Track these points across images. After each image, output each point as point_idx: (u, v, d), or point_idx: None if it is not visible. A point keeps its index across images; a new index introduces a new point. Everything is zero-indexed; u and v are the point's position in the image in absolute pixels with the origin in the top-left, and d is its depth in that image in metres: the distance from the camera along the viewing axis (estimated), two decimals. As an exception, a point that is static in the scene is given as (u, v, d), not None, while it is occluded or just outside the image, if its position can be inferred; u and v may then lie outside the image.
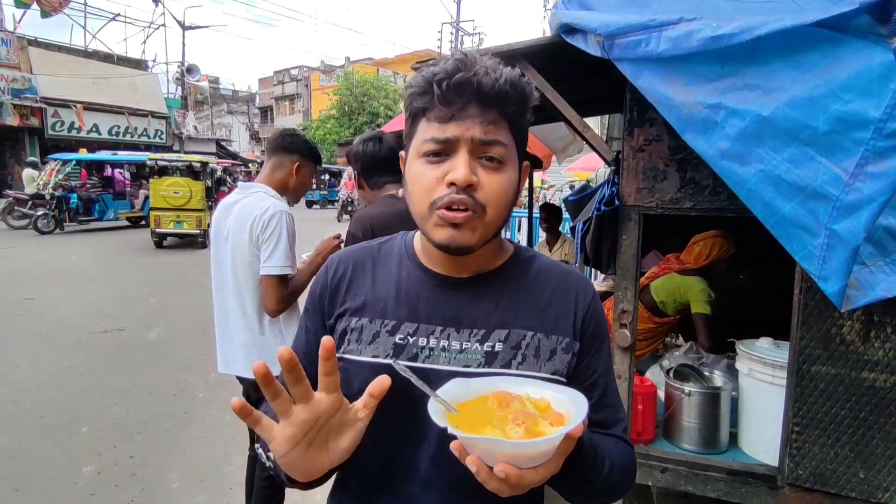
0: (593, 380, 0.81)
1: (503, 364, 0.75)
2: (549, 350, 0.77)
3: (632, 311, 1.80)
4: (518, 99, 0.72)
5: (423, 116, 0.73)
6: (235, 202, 1.98)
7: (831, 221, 0.90)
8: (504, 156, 0.72)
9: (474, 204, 0.70)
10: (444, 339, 0.77)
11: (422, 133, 0.73)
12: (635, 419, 1.90)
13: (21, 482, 2.75)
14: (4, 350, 4.69)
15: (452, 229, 0.71)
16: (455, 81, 0.68)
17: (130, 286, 7.38)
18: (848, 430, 1.58)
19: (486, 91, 0.69)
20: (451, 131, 0.70)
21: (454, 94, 0.69)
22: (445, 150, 0.71)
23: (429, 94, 0.71)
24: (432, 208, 0.71)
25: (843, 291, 0.92)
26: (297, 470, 0.63)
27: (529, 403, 0.66)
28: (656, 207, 1.75)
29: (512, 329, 0.77)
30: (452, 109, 0.69)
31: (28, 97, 16.09)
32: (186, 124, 22.20)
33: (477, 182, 0.70)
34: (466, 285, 0.79)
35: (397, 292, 0.80)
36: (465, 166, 0.69)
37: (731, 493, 1.75)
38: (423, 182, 0.72)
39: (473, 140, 0.70)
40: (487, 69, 0.70)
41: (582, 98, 2.92)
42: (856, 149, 0.87)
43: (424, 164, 0.72)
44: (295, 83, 35.69)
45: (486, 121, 0.70)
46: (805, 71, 0.93)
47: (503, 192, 0.73)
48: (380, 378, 0.64)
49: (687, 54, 1.08)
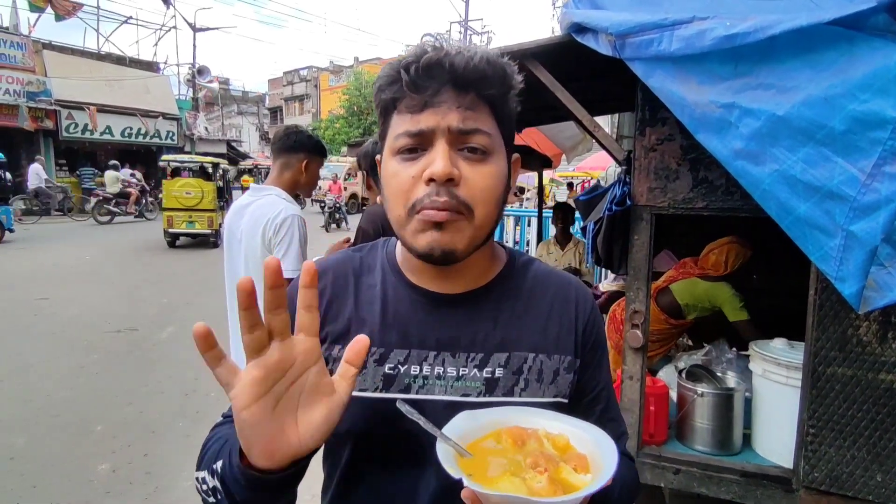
0: (595, 394, 0.77)
1: (505, 391, 0.69)
2: (552, 372, 0.72)
3: (644, 311, 1.79)
4: (498, 78, 0.64)
5: (394, 110, 0.66)
6: (248, 204, 2.00)
7: (848, 222, 0.89)
8: (488, 145, 0.64)
9: (458, 204, 0.62)
10: (438, 365, 0.69)
11: (394, 128, 0.66)
12: (647, 420, 1.89)
13: (38, 480, 2.79)
14: (19, 350, 4.76)
15: (435, 231, 0.62)
16: (424, 63, 0.61)
17: (143, 285, 7.47)
18: (865, 433, 1.56)
19: (459, 71, 0.61)
20: (424, 121, 0.62)
21: (424, 78, 0.61)
22: (421, 143, 0.63)
23: (397, 83, 0.63)
24: (411, 212, 0.63)
25: (860, 293, 0.90)
26: (258, 441, 0.50)
27: (547, 441, 0.61)
28: (668, 207, 1.73)
29: (512, 352, 0.71)
30: (424, 96, 0.62)
31: (43, 100, 16.30)
32: (197, 125, 22.40)
33: (459, 175, 0.62)
34: (460, 303, 0.72)
35: (384, 314, 0.71)
36: (444, 157, 0.61)
37: (745, 496, 1.73)
38: (399, 182, 0.64)
39: (451, 129, 0.62)
40: (460, 49, 0.63)
41: (592, 97, 2.90)
42: (873, 149, 0.85)
43: (399, 162, 0.64)
44: (304, 83, 35.89)
45: (463, 105, 0.62)
46: (821, 70, 0.92)
47: (490, 186, 0.65)
48: (357, 340, 0.55)
49: (700, 53, 1.07)
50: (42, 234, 11.80)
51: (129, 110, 18.75)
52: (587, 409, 0.76)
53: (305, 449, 0.52)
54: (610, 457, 0.55)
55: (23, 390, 3.90)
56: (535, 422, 0.63)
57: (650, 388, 1.89)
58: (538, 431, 0.61)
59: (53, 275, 7.94)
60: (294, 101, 36.55)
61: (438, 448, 0.55)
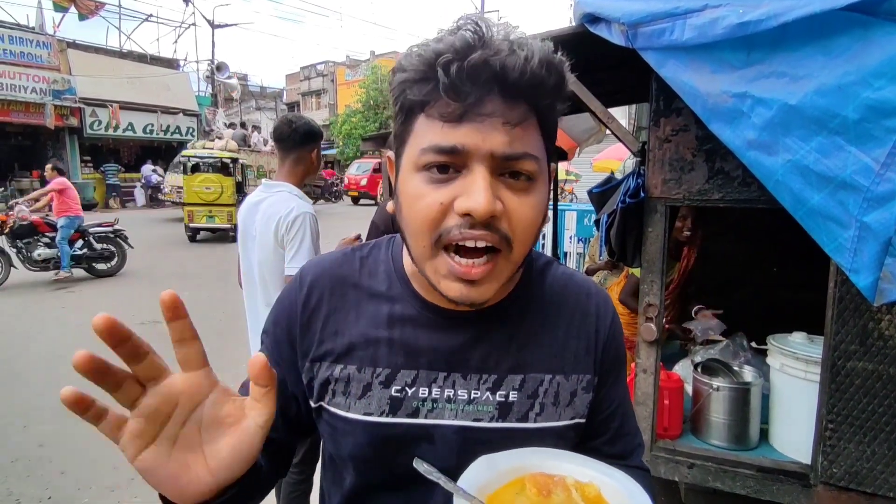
0: (611, 411, 0.71)
1: (519, 417, 0.64)
2: (569, 393, 0.66)
3: (658, 304, 1.77)
4: (555, 86, 0.53)
5: (420, 112, 0.54)
6: (261, 201, 2.02)
7: (862, 213, 0.86)
8: (535, 172, 0.54)
9: (499, 240, 0.53)
10: (448, 387, 0.63)
11: (420, 135, 0.54)
12: (661, 414, 1.88)
13: (66, 466, 2.89)
14: (49, 341, 4.92)
15: (466, 285, 0.55)
16: (470, 64, 0.48)
17: (165, 279, 7.63)
18: (886, 428, 1.53)
19: (513, 77, 0.49)
20: (462, 137, 0.51)
21: (468, 82, 0.49)
22: (455, 162, 0.52)
23: (430, 82, 0.51)
24: (438, 245, 0.54)
25: (875, 285, 0.88)
26: (164, 484, 0.46)
27: (576, 492, 0.55)
28: (683, 199, 1.71)
29: (528, 374, 0.65)
30: (464, 104, 0.50)
31: (68, 98, 16.69)
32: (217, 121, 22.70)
33: (502, 210, 0.52)
34: (473, 321, 0.64)
35: (390, 331, 0.64)
36: (486, 191, 0.50)
37: (761, 491, 1.71)
38: (425, 208, 0.53)
39: (494, 155, 0.51)
40: (512, 45, 0.50)
41: (608, 88, 2.87)
42: (887, 137, 0.82)
43: (425, 182, 0.54)
44: (321, 78, 36.06)
45: (511, 121, 0.51)
46: (834, 57, 0.89)
47: (534, 220, 0.56)
48: (253, 359, 0.48)
49: (712, 42, 1.05)
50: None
51: (150, 107, 19.09)
52: (602, 425, 0.72)
53: (222, 481, 0.47)
54: None
55: (53, 380, 4.03)
56: (561, 467, 0.58)
57: (665, 382, 1.88)
58: (566, 479, 0.56)
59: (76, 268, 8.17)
60: (311, 96, 36.78)
61: (457, 502, 0.52)
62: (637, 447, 0.75)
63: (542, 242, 7.05)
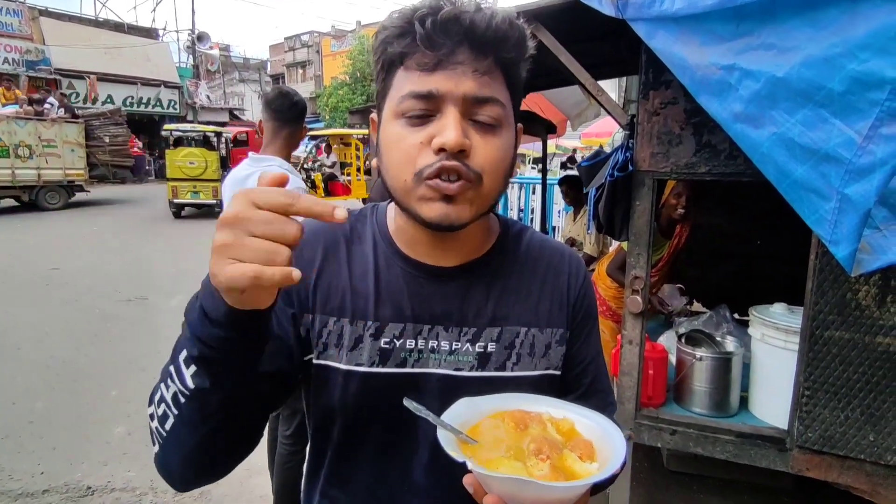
0: (583, 367, 0.77)
1: (497, 366, 0.70)
2: (543, 345, 0.72)
3: (644, 277, 1.80)
4: (517, 42, 0.61)
5: (400, 65, 0.61)
6: (249, 175, 1.98)
7: (843, 185, 0.88)
8: (500, 116, 0.62)
9: (468, 172, 0.60)
10: (432, 339, 0.69)
11: (399, 86, 0.61)
12: (646, 384, 1.93)
13: (57, 442, 2.90)
14: (35, 318, 4.87)
15: (446, 203, 0.60)
16: (442, 17, 0.56)
17: (151, 256, 7.55)
18: (860, 394, 1.59)
19: (480, 30, 0.57)
20: (436, 83, 0.58)
21: (441, 34, 0.57)
22: (430, 108, 0.60)
23: (408, 36, 0.58)
24: (418, 180, 0.60)
25: (853, 255, 0.90)
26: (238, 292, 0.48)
27: (551, 426, 0.59)
28: (671, 173, 1.72)
29: (504, 327, 0.71)
30: (438, 54, 0.57)
31: (42, 69, 16.14)
32: (199, 94, 22.15)
33: (470, 146, 0.59)
34: (454, 277, 0.71)
35: (377, 287, 0.70)
36: (457, 128, 0.58)
37: (739, 455, 1.78)
38: (405, 148, 0.60)
39: (465, 97, 0.59)
40: (479, 5, 0.58)
41: (598, 60, 2.84)
42: (871, 110, 0.83)
43: (404, 126, 0.61)
44: (306, 49, 35.15)
45: (480, 70, 0.59)
46: (821, 28, 0.89)
47: (500, 158, 0.63)
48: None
49: (702, 13, 1.04)
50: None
51: (129, 79, 18.56)
52: (575, 380, 0.77)
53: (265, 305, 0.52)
54: (619, 447, 0.54)
55: (41, 357, 4.01)
56: (538, 407, 0.62)
57: (649, 353, 1.92)
58: (542, 415, 0.60)
59: (62, 245, 8.04)
60: (296, 68, 35.90)
61: (440, 432, 0.54)
62: (609, 405, 0.79)
63: (532, 217, 7.08)
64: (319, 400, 0.71)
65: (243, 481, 2.56)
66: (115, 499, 2.47)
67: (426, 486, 0.70)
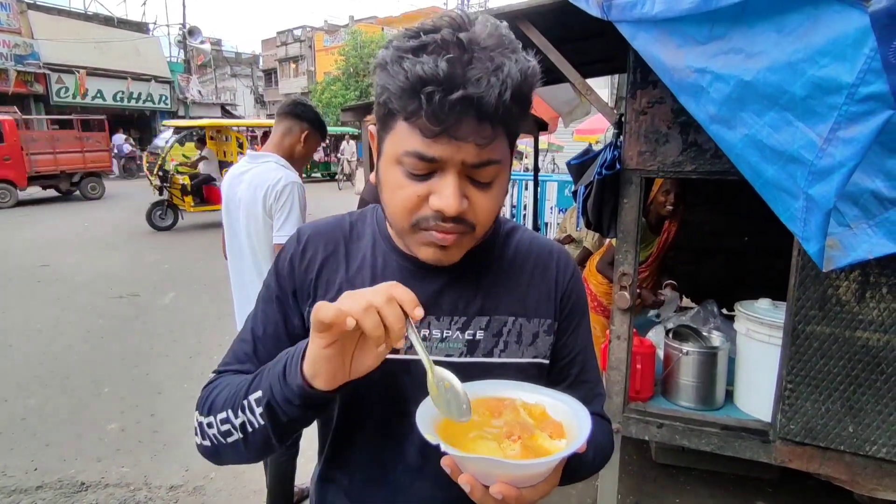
0: (571, 358, 0.80)
1: (485, 352, 0.73)
2: (531, 334, 0.75)
3: (632, 273, 1.83)
4: (522, 112, 0.61)
5: (402, 117, 0.60)
6: (245, 171, 2.01)
7: (807, 186, 0.92)
8: (499, 172, 0.63)
9: (464, 227, 0.64)
10: (424, 328, 0.73)
11: (402, 138, 0.61)
12: (634, 378, 1.96)
13: (50, 438, 2.90)
14: (27, 315, 4.85)
15: (439, 250, 0.65)
16: (451, 101, 0.54)
17: (143, 252, 7.52)
18: (840, 387, 1.63)
19: (488, 110, 0.56)
20: (439, 151, 0.59)
21: (449, 113, 0.56)
22: (431, 168, 0.61)
23: (413, 101, 0.56)
24: (415, 228, 0.64)
25: (822, 252, 0.94)
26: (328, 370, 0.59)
27: (523, 411, 0.63)
28: (658, 171, 1.75)
29: (493, 316, 0.74)
30: (444, 126, 0.57)
31: (31, 63, 15.94)
32: (190, 88, 21.96)
33: (467, 207, 0.63)
34: (445, 270, 0.73)
35: (373, 279, 0.74)
36: (455, 195, 0.60)
37: (724, 447, 1.82)
38: (404, 198, 0.63)
39: (465, 163, 0.60)
40: (490, 76, 0.55)
41: (590, 58, 2.86)
42: (830, 114, 0.87)
43: (404, 175, 0.62)
44: (298, 44, 34.90)
45: (482, 138, 0.58)
46: (787, 34, 0.92)
47: (494, 209, 0.66)
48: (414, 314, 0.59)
49: (679, 16, 1.07)
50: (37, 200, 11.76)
51: (119, 73, 18.37)
52: (563, 371, 0.80)
53: (351, 377, 0.62)
54: (584, 423, 0.58)
55: (33, 354, 4.00)
56: (513, 393, 0.65)
57: (637, 348, 1.96)
58: (515, 402, 0.64)
59: (52, 242, 7.98)
60: (289, 63, 35.66)
61: (418, 417, 0.58)
62: (597, 396, 0.83)
63: (524, 213, 7.10)
64: None
65: (237, 476, 2.58)
66: (109, 494, 2.48)
67: (421, 466, 0.74)
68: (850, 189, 0.91)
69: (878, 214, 0.91)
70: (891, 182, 0.89)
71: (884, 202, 0.91)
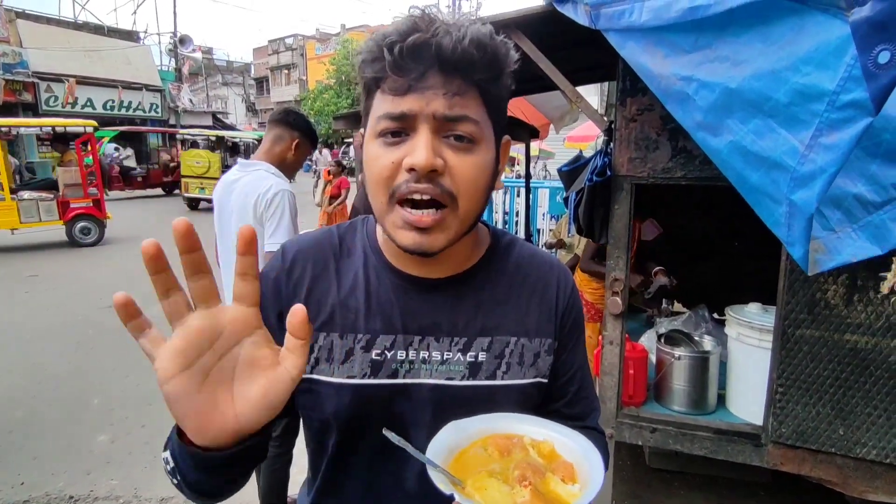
0: (570, 375, 0.78)
1: (488, 375, 0.70)
2: (532, 354, 0.73)
3: (623, 279, 1.84)
4: (488, 63, 0.60)
5: (377, 89, 0.62)
6: (236, 180, 2.01)
7: (790, 191, 0.94)
8: (475, 133, 0.61)
9: (441, 193, 0.60)
10: (423, 350, 0.70)
11: (376, 108, 0.62)
12: (627, 383, 1.97)
13: (38, 452, 2.86)
14: (16, 324, 4.78)
15: (418, 234, 0.61)
16: (409, 44, 0.57)
17: (131, 259, 7.45)
18: (829, 390, 1.64)
19: (447, 55, 0.57)
20: (407, 104, 0.59)
21: (409, 60, 0.57)
22: (404, 128, 0.60)
23: (380, 62, 0.59)
24: (392, 200, 0.62)
25: (806, 256, 0.96)
26: (188, 417, 0.45)
27: (533, 450, 0.62)
28: (648, 177, 1.77)
29: (495, 336, 0.71)
30: (408, 79, 0.58)
31: (20, 72, 15.82)
32: (182, 97, 21.88)
33: (443, 166, 0.60)
34: (443, 288, 0.71)
35: (367, 300, 0.70)
36: (426, 147, 0.58)
37: (717, 451, 1.83)
38: (380, 168, 0.61)
39: (436, 116, 0.59)
40: (449, 28, 0.58)
41: (580, 66, 2.89)
42: (812, 121, 0.89)
43: (380, 145, 0.62)
44: (290, 52, 34.98)
45: (450, 91, 0.59)
46: (771, 43, 0.95)
47: (476, 177, 0.62)
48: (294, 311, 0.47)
49: (666, 25, 1.09)
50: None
51: (109, 82, 18.25)
52: (562, 388, 0.78)
53: (246, 427, 0.47)
54: (597, 469, 0.57)
55: (21, 364, 3.94)
56: (520, 428, 0.64)
57: (630, 353, 1.97)
58: (523, 439, 0.63)
59: (39, 250, 7.90)
60: (280, 71, 35.69)
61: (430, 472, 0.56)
62: (594, 410, 0.82)
63: (516, 220, 7.12)
64: (313, 412, 0.72)
65: (229, 487, 2.55)
66: (98, 508, 2.44)
67: (419, 493, 0.70)
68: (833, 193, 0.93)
69: (862, 218, 0.92)
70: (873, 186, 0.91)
71: (867, 206, 0.93)
